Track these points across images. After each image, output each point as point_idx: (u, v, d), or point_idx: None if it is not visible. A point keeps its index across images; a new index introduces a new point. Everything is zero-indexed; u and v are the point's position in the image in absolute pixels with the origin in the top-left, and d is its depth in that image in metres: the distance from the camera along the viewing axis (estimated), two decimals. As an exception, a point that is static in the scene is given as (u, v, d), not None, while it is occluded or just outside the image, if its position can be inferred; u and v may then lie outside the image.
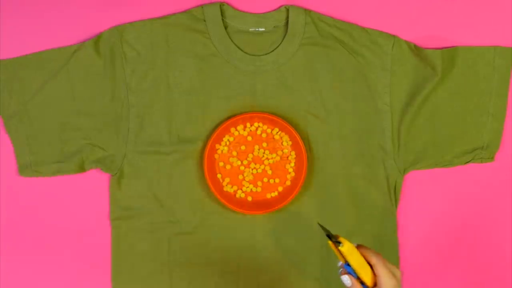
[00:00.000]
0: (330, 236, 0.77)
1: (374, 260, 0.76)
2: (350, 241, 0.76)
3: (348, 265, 0.76)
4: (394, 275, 0.76)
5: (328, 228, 0.78)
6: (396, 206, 0.98)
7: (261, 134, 0.97)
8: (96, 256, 0.98)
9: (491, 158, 0.99)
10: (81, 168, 0.96)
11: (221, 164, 0.97)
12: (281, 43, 0.97)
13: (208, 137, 0.96)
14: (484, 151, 0.98)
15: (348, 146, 0.97)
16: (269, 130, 0.97)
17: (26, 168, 0.96)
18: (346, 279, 0.76)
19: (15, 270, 0.98)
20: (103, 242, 0.98)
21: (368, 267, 0.76)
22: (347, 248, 0.76)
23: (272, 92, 0.97)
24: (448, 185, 1.01)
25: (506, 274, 1.01)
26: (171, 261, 0.96)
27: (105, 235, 0.97)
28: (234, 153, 0.97)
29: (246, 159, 0.97)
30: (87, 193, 0.98)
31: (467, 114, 0.98)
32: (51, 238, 0.98)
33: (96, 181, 0.98)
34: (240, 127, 0.96)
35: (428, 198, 1.00)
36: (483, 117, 0.98)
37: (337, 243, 0.76)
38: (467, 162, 0.98)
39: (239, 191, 0.97)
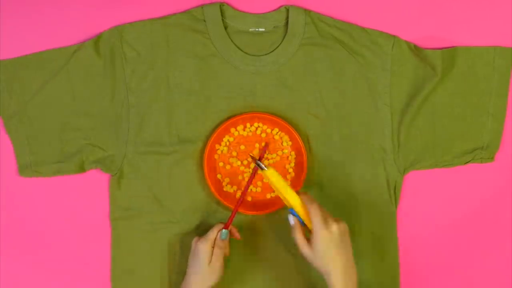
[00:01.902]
0: (258, 163, 0.87)
1: (308, 204, 0.83)
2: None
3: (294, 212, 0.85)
4: (328, 224, 0.81)
5: None
6: (396, 206, 0.98)
7: (261, 134, 0.97)
8: (96, 256, 0.98)
9: (491, 158, 0.99)
10: (81, 168, 0.96)
11: (221, 164, 0.97)
12: (281, 43, 0.97)
13: (208, 137, 0.96)
14: (484, 151, 0.98)
15: (348, 146, 0.97)
16: (269, 130, 0.97)
17: (26, 168, 0.96)
18: (290, 218, 0.85)
19: (15, 270, 0.98)
20: (103, 242, 0.98)
21: (300, 204, 0.84)
22: (271, 172, 0.86)
23: (272, 92, 0.97)
24: (448, 185, 1.01)
25: (506, 274, 1.01)
26: (171, 261, 0.96)
27: (105, 235, 0.97)
28: (234, 153, 0.97)
29: (246, 159, 0.97)
30: (87, 193, 0.98)
31: (467, 114, 0.98)
32: (51, 238, 0.98)
33: (96, 181, 0.98)
34: (240, 127, 0.96)
35: (428, 198, 1.01)
36: (483, 117, 0.98)
37: (263, 166, 0.86)
38: (467, 162, 0.98)
39: (239, 191, 0.97)
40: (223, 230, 0.90)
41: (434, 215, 1.01)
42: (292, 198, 0.84)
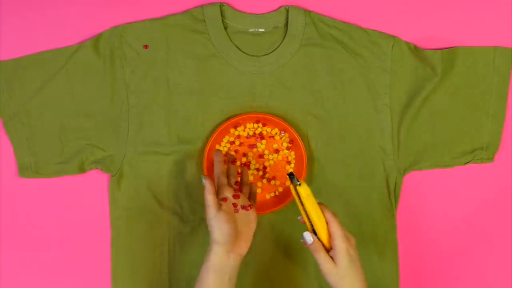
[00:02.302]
0: (292, 177, 0.81)
1: (330, 218, 0.80)
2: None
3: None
4: (348, 238, 0.80)
5: None
6: (396, 207, 0.98)
7: (260, 134, 0.97)
8: (96, 256, 0.98)
9: (490, 158, 0.99)
10: (81, 169, 0.96)
11: None
12: (280, 43, 0.97)
13: (208, 137, 0.96)
14: (483, 152, 0.98)
15: (347, 146, 0.97)
16: (269, 130, 0.97)
17: (26, 169, 0.96)
18: (307, 235, 0.81)
19: (15, 270, 0.98)
20: (103, 242, 0.98)
21: (324, 222, 0.81)
22: (305, 189, 0.80)
23: (271, 93, 0.97)
24: (448, 185, 1.01)
25: (506, 274, 1.01)
26: (171, 262, 0.96)
27: (105, 235, 0.98)
28: (233, 154, 0.97)
29: (246, 160, 0.97)
30: (87, 193, 0.98)
31: (467, 115, 0.98)
32: (51, 239, 0.98)
33: (96, 181, 0.98)
34: (240, 128, 0.96)
35: (428, 198, 1.01)
36: (482, 118, 0.98)
37: (297, 182, 0.81)
38: (467, 162, 0.98)
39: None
40: (201, 176, 0.86)
41: (434, 215, 1.01)
42: (317, 216, 0.81)
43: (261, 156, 0.97)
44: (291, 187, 0.82)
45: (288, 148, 0.97)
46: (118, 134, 0.96)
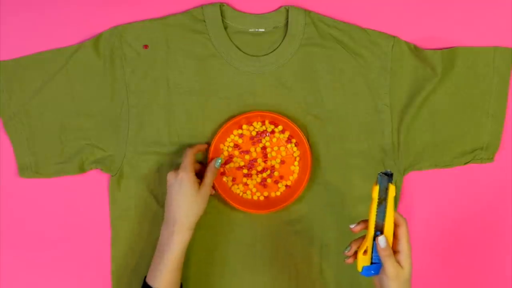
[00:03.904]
0: (390, 175, 0.78)
1: (401, 221, 0.77)
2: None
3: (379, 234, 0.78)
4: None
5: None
6: (396, 207, 0.98)
7: (264, 133, 0.97)
8: (96, 256, 0.98)
9: (490, 158, 0.99)
10: (81, 169, 0.96)
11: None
12: (280, 43, 0.97)
13: (209, 137, 0.96)
14: (483, 152, 0.98)
15: (347, 146, 0.97)
16: (269, 129, 0.97)
17: (26, 169, 0.96)
18: (383, 239, 0.77)
19: (15, 270, 0.98)
20: (103, 242, 0.98)
21: (393, 225, 0.78)
22: (394, 189, 0.77)
23: (271, 93, 0.97)
24: (448, 185, 1.01)
25: (506, 274, 1.01)
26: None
27: (105, 235, 0.98)
28: (237, 153, 0.97)
29: (250, 158, 0.97)
30: (87, 193, 0.98)
31: (467, 115, 0.98)
32: (51, 239, 0.98)
33: (96, 181, 0.98)
34: (244, 127, 0.96)
35: (428, 198, 1.00)
36: (482, 118, 0.98)
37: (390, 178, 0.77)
38: (467, 162, 0.98)
39: (242, 191, 0.96)
40: (218, 158, 0.92)
41: (434, 215, 1.01)
42: (391, 219, 0.77)
43: (265, 154, 0.97)
44: (374, 186, 0.78)
45: (292, 147, 0.97)
46: (118, 134, 0.96)
